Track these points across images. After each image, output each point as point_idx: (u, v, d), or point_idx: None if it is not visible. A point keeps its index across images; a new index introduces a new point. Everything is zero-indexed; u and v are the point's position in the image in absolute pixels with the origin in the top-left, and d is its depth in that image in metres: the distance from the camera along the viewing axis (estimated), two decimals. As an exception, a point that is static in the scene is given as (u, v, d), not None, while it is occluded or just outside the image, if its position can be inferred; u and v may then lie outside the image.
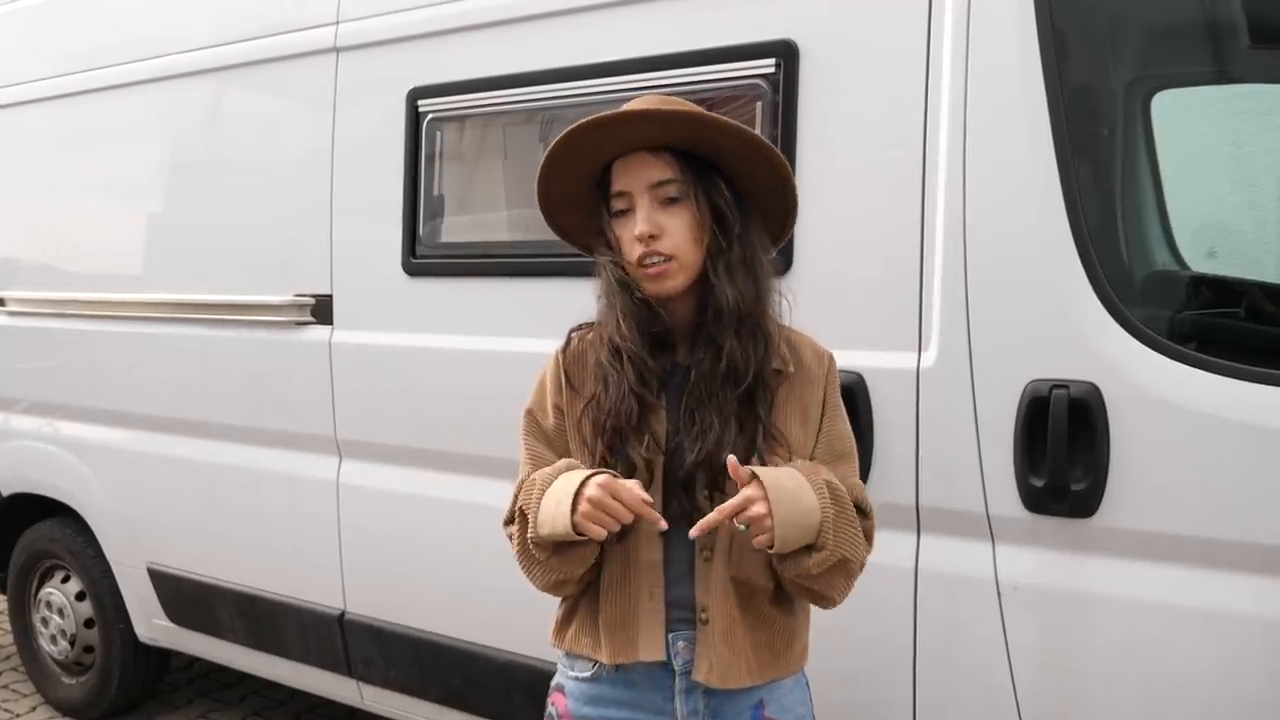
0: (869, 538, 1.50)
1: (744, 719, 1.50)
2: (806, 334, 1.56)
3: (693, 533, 1.37)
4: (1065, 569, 1.84)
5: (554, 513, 1.39)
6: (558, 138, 1.45)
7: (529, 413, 1.59)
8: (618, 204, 1.46)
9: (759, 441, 1.43)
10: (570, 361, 1.54)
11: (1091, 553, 1.82)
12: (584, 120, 1.42)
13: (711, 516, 1.35)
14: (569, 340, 1.57)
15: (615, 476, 1.38)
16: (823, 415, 1.52)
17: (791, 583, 1.45)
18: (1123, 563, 1.80)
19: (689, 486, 1.43)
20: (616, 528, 1.37)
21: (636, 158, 1.44)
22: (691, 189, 1.43)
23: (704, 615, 1.46)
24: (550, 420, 1.54)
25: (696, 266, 1.44)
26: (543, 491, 1.44)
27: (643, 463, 1.43)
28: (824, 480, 1.42)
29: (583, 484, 1.37)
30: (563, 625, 1.57)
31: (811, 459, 1.49)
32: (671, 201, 1.43)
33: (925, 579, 1.97)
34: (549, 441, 1.55)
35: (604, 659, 1.49)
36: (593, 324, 1.55)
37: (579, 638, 1.54)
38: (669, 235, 1.41)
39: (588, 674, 1.54)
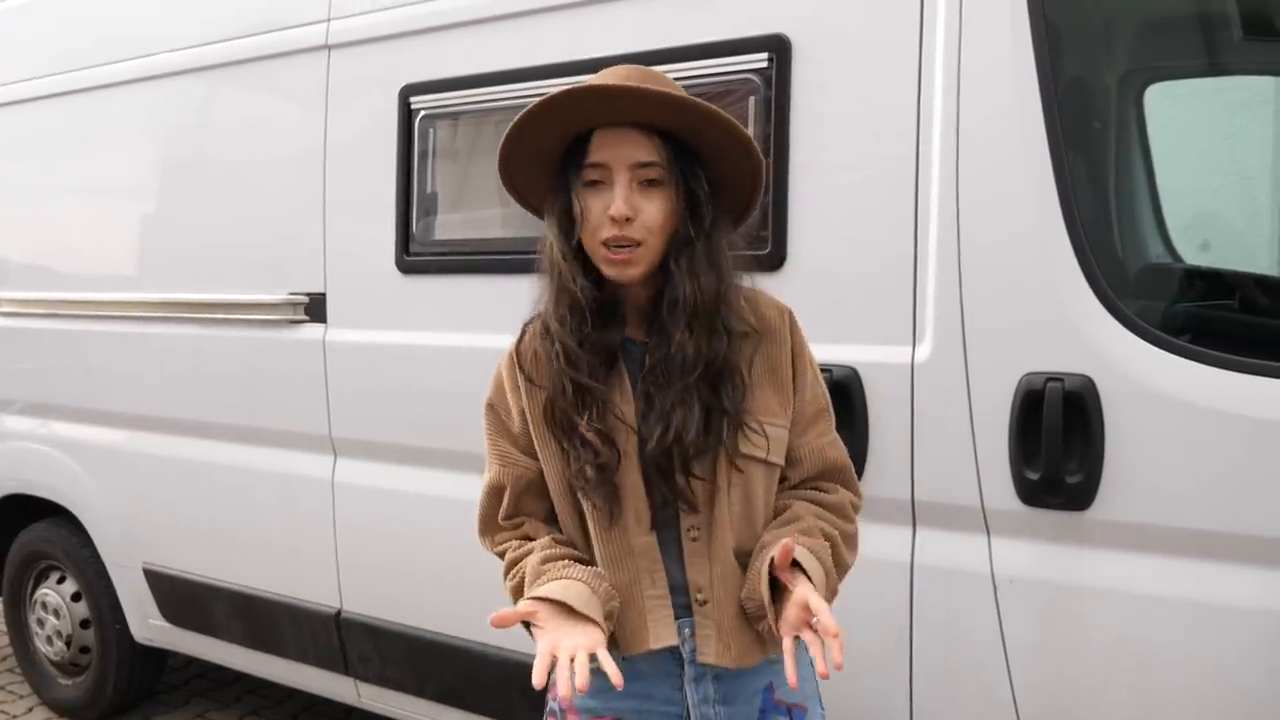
0: (855, 544, 1.49)
1: (755, 704, 1.46)
2: (762, 290, 1.50)
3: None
4: (1061, 562, 1.84)
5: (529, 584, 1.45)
6: (549, 95, 1.36)
7: (491, 407, 1.54)
8: (592, 174, 1.36)
9: (724, 434, 1.38)
10: (525, 358, 1.47)
11: (1087, 546, 1.82)
12: (583, 85, 1.35)
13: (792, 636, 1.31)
14: (522, 334, 1.51)
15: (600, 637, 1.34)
16: (795, 374, 1.46)
17: None
18: (1118, 555, 1.80)
19: (664, 469, 1.39)
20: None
21: (622, 131, 1.35)
22: (674, 175, 1.36)
23: (700, 596, 1.41)
24: (516, 422, 1.50)
25: (660, 254, 1.38)
26: (535, 576, 1.47)
27: (597, 440, 1.38)
28: (824, 544, 1.40)
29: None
30: None
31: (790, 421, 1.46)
32: (650, 184, 1.35)
33: (921, 573, 1.97)
34: (514, 440, 1.51)
35: (618, 653, 1.42)
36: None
37: None
38: (642, 220, 1.34)
39: (593, 666, 1.45)
